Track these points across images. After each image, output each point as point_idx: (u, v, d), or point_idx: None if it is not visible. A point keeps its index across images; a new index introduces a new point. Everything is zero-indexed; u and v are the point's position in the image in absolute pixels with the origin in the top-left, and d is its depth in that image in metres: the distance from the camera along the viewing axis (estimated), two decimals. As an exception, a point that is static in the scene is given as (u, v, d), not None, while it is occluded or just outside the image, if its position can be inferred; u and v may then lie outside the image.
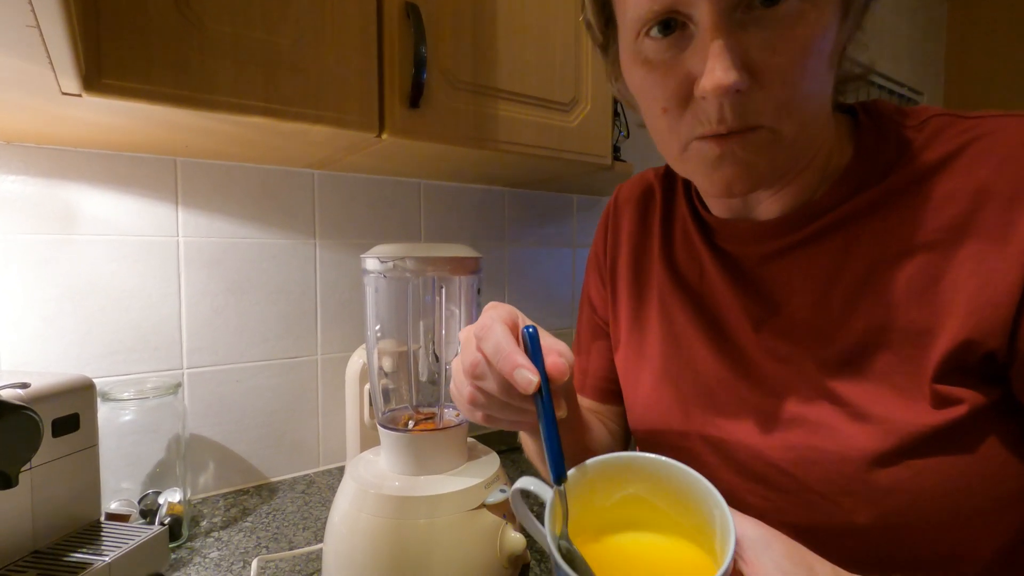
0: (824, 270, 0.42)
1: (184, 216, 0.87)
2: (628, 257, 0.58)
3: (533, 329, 0.37)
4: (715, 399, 0.47)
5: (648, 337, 0.54)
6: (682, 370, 0.50)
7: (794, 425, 0.41)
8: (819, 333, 0.41)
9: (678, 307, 0.51)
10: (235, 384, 0.93)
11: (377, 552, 0.56)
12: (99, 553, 0.58)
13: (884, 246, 0.39)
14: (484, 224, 1.21)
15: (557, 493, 0.34)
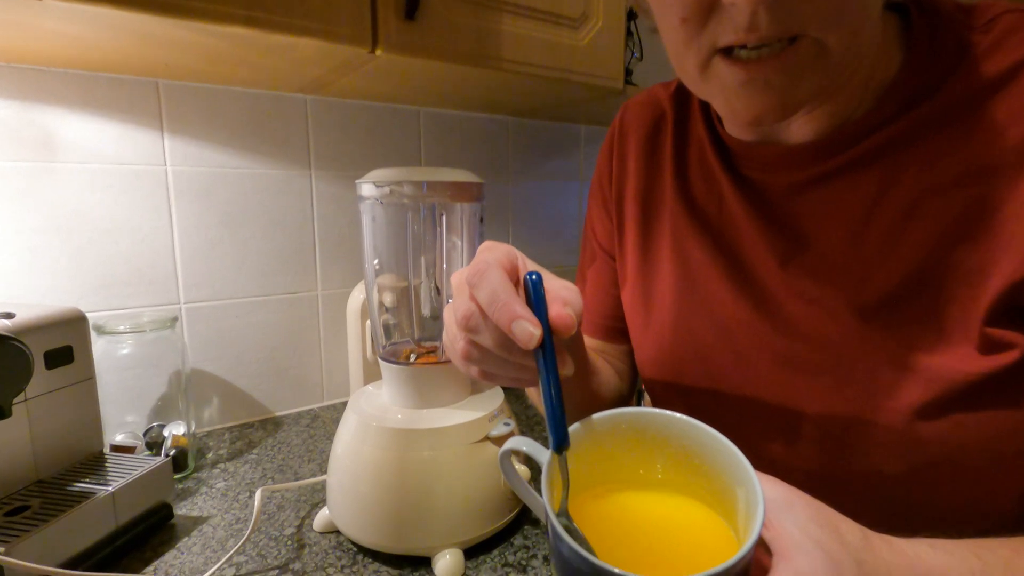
0: (863, 201, 0.37)
1: (171, 144, 0.83)
2: (636, 186, 0.53)
3: (536, 276, 0.31)
4: (734, 342, 0.43)
5: (659, 275, 0.50)
6: (697, 311, 0.46)
7: (823, 372, 0.38)
8: (855, 272, 0.37)
9: (693, 241, 0.47)
10: (234, 319, 0.91)
11: (381, 484, 0.56)
12: (103, 483, 0.58)
13: (935, 172, 0.34)
14: (487, 156, 1.16)
15: (556, 461, 0.30)
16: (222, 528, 0.63)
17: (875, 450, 0.36)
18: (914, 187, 0.35)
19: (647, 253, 0.51)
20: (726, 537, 0.30)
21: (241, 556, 0.58)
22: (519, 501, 0.62)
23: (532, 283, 0.32)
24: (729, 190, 0.44)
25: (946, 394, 0.33)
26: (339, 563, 0.57)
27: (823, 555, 0.26)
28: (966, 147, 0.33)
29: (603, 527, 0.31)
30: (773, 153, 0.41)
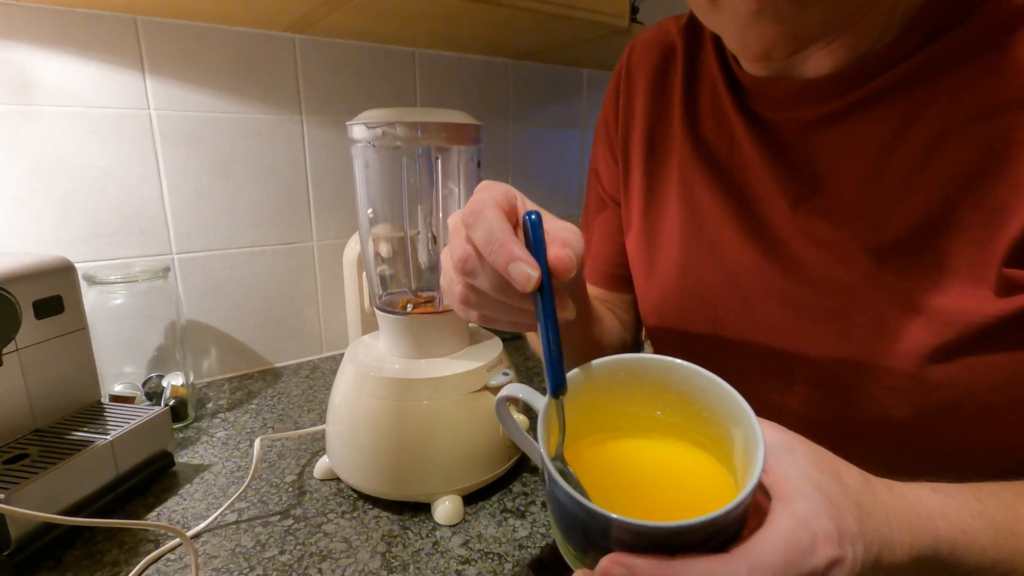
0: (882, 139, 0.35)
1: (153, 86, 0.79)
2: (643, 126, 0.50)
3: (536, 216, 0.30)
4: (741, 288, 0.42)
5: (665, 219, 0.48)
6: (704, 256, 0.45)
7: (834, 317, 0.37)
8: (870, 214, 0.35)
9: (702, 184, 0.45)
10: (229, 270, 0.90)
11: (380, 433, 0.56)
12: (102, 432, 0.58)
13: (960, 106, 0.32)
14: (486, 100, 1.12)
15: (554, 406, 0.29)
16: (223, 476, 0.64)
17: (882, 395, 0.35)
18: (937, 122, 0.33)
19: (653, 197, 0.50)
20: (725, 482, 0.30)
21: (243, 502, 0.59)
22: (518, 449, 0.62)
23: (531, 223, 0.30)
24: (741, 130, 0.42)
25: (959, 337, 0.32)
26: (340, 509, 0.58)
27: (823, 497, 0.25)
28: (993, 79, 0.31)
29: (600, 473, 0.30)
30: (788, 89, 0.39)
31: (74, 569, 0.49)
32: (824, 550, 0.24)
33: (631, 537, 0.23)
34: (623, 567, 0.23)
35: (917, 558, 0.27)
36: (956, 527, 0.28)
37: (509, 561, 0.50)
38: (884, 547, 0.26)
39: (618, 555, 0.23)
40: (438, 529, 0.55)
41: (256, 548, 0.52)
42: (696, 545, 0.23)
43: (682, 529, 0.23)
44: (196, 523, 0.55)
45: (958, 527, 0.28)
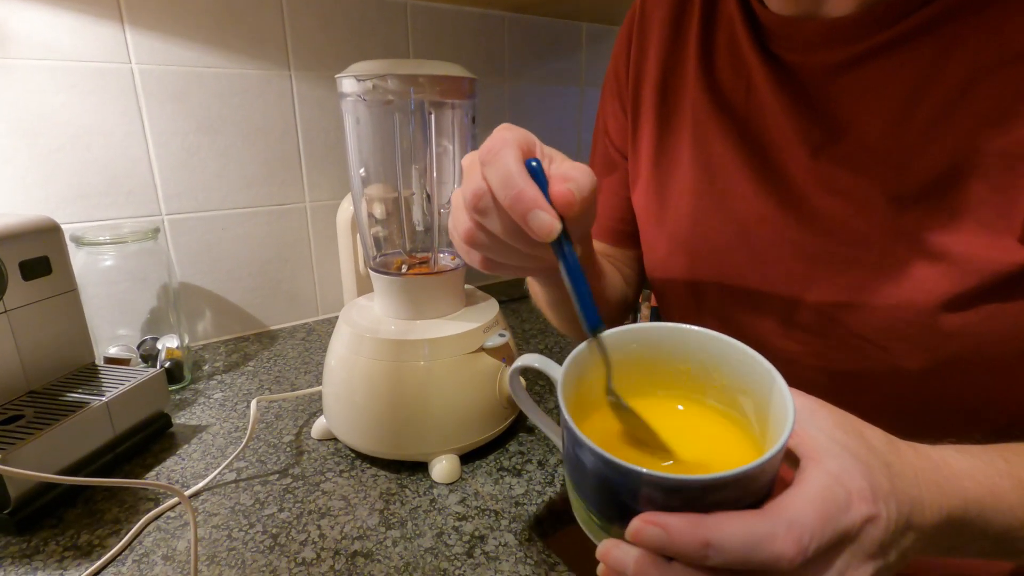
0: (909, 83, 0.33)
1: (134, 38, 0.76)
2: (656, 74, 0.48)
3: (536, 162, 0.29)
4: (751, 240, 0.41)
5: (676, 170, 0.46)
6: (715, 208, 0.43)
7: (848, 267, 0.36)
8: (893, 161, 0.34)
9: (715, 133, 0.43)
10: (221, 232, 0.88)
11: (376, 394, 0.56)
12: (97, 393, 0.58)
13: (991, 49, 0.30)
14: (482, 55, 1.08)
15: (595, 342, 0.29)
16: (221, 436, 0.64)
17: (895, 345, 0.34)
18: (969, 63, 0.31)
19: (664, 148, 0.48)
20: (749, 444, 0.29)
21: (241, 462, 0.59)
22: (515, 409, 0.62)
23: (532, 170, 0.29)
24: (760, 74, 0.40)
25: (979, 284, 0.31)
26: (338, 468, 0.58)
27: (852, 457, 0.25)
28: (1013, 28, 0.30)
29: (619, 440, 0.30)
30: (812, 29, 0.36)
31: (75, 527, 0.50)
32: (859, 507, 0.23)
33: (663, 494, 0.22)
34: (657, 526, 0.22)
35: (947, 519, 0.26)
36: (984, 487, 0.27)
37: (505, 517, 0.51)
38: (915, 507, 0.26)
39: (650, 514, 0.22)
40: (435, 487, 0.55)
41: (255, 506, 0.52)
42: (729, 503, 0.22)
43: (715, 482, 0.22)
44: (195, 482, 0.55)
45: (986, 487, 0.27)
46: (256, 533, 0.49)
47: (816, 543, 0.22)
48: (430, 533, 0.49)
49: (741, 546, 0.21)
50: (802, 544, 0.21)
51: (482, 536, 0.49)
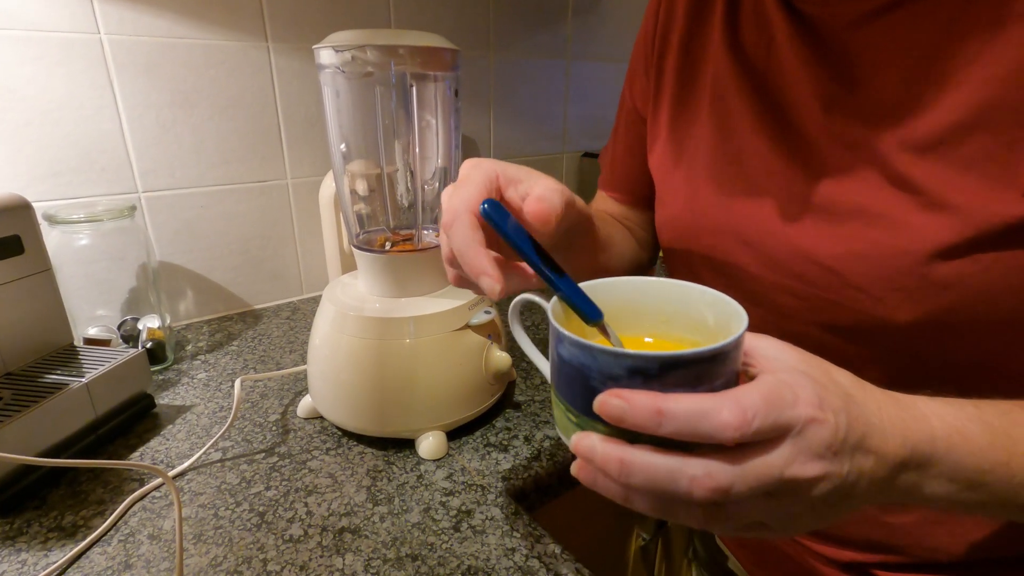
0: (930, 35, 0.33)
1: (102, 7, 0.73)
2: (681, 35, 0.47)
3: (486, 205, 0.32)
4: (761, 194, 0.41)
5: (694, 129, 0.47)
6: (728, 164, 0.43)
7: (851, 218, 0.36)
8: (905, 113, 0.34)
9: (734, 91, 0.43)
10: (200, 210, 0.86)
11: (361, 372, 0.55)
12: (77, 374, 0.57)
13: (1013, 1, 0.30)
14: (465, 28, 1.05)
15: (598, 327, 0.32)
16: (206, 416, 0.63)
17: (889, 296, 0.35)
18: (992, 13, 0.31)
19: (684, 108, 0.48)
20: None
21: (227, 441, 0.59)
22: (501, 385, 0.63)
23: (484, 212, 0.32)
24: (782, 30, 0.40)
25: (978, 235, 0.31)
26: (324, 446, 0.58)
27: (807, 377, 0.26)
28: None
29: None
30: None
31: (59, 508, 0.49)
32: (805, 409, 0.25)
33: (626, 374, 0.25)
34: (618, 398, 0.25)
35: (912, 452, 0.27)
36: (952, 427, 0.28)
37: (492, 492, 0.52)
38: (872, 432, 0.26)
39: (616, 389, 0.25)
40: (422, 463, 0.56)
41: (242, 484, 0.52)
42: (687, 385, 0.25)
43: (670, 359, 0.25)
44: (180, 462, 0.55)
45: (954, 427, 0.28)
46: (243, 511, 0.49)
47: (759, 422, 0.24)
48: (417, 509, 0.50)
49: (690, 415, 0.24)
50: (746, 417, 0.23)
51: (469, 511, 0.49)
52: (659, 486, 0.25)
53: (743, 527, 0.27)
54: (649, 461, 0.25)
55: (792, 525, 0.27)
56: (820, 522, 0.27)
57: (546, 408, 0.65)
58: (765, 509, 0.26)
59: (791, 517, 0.26)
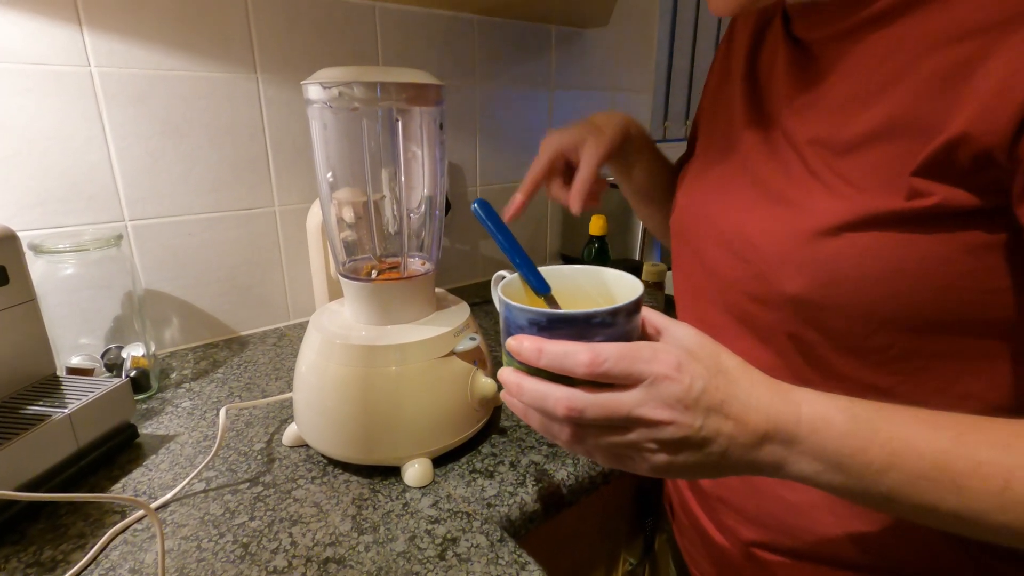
0: (876, 55, 0.38)
1: (93, 40, 0.74)
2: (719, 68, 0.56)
3: (474, 204, 0.42)
4: (730, 183, 0.48)
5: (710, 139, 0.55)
6: (719, 159, 0.51)
7: (777, 202, 0.42)
8: (841, 119, 0.39)
9: (741, 105, 0.50)
10: (187, 237, 0.87)
11: (347, 399, 0.56)
12: (59, 405, 0.57)
13: (941, 30, 0.34)
14: (451, 58, 1.08)
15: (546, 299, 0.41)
16: (190, 446, 0.63)
17: (784, 268, 0.40)
18: (921, 42, 0.35)
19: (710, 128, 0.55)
20: None
21: (210, 471, 0.59)
22: (486, 411, 0.63)
23: (474, 211, 0.42)
24: (782, 52, 0.47)
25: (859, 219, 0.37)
26: (309, 474, 0.58)
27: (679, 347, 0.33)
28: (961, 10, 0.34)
29: None
30: (817, 10, 0.43)
31: (39, 543, 0.49)
32: (659, 367, 0.31)
33: (527, 323, 0.34)
34: (516, 341, 0.34)
35: (775, 427, 0.32)
36: (818, 413, 0.32)
37: (478, 519, 0.52)
38: (734, 402, 0.32)
39: (519, 335, 0.34)
40: (408, 491, 0.56)
41: (225, 515, 0.52)
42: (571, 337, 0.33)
43: (554, 316, 0.33)
44: (163, 493, 0.55)
45: (820, 414, 0.32)
46: (226, 543, 0.49)
47: (609, 365, 0.31)
48: (402, 537, 0.50)
49: (558, 353, 0.32)
50: (597, 359, 0.31)
51: (454, 538, 0.49)
52: (536, 403, 0.33)
53: (610, 455, 0.34)
54: (533, 384, 0.33)
55: (655, 464, 0.33)
56: (689, 471, 0.33)
57: (531, 433, 0.66)
58: (623, 441, 0.32)
59: (650, 453, 0.32)
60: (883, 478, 0.31)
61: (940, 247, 0.35)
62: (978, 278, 0.35)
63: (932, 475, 0.30)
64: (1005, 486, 0.29)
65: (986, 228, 0.34)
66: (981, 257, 0.35)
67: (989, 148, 0.32)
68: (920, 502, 0.31)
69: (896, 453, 0.31)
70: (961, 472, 0.30)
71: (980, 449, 0.30)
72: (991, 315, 0.37)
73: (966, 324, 0.37)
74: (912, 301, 0.37)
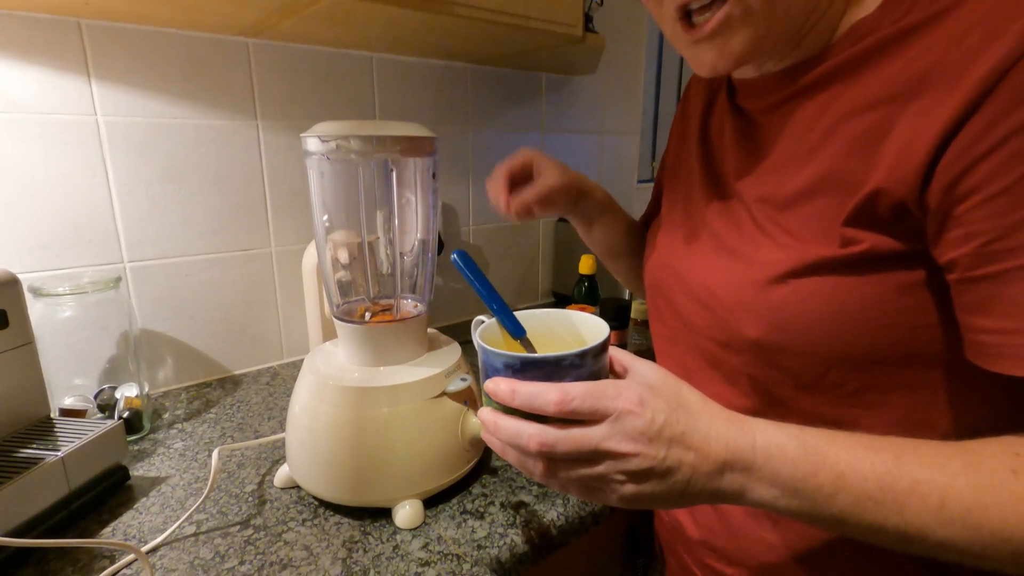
0: (806, 121, 0.43)
1: (100, 91, 0.77)
2: (677, 134, 0.62)
3: (454, 256, 0.45)
4: (694, 239, 0.52)
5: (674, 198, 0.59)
6: (682, 217, 0.55)
7: (730, 254, 0.46)
8: (779, 179, 0.44)
9: (697, 168, 0.54)
10: (185, 278, 0.88)
11: (339, 440, 0.57)
12: (52, 448, 0.57)
13: (856, 100, 0.40)
14: (445, 104, 1.12)
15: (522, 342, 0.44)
16: (181, 488, 0.63)
17: (742, 315, 0.44)
18: (842, 109, 0.40)
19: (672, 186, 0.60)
20: None
21: (201, 514, 0.59)
22: (477, 452, 0.64)
23: (454, 260, 0.45)
24: (729, 120, 0.52)
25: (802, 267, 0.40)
26: (300, 517, 0.58)
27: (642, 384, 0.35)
28: (882, 78, 0.39)
29: None
30: (756, 83, 0.48)
31: (26, 589, 0.49)
32: (622, 403, 0.34)
33: (503, 366, 0.36)
34: (493, 383, 0.36)
35: (734, 455, 0.34)
36: (772, 441, 0.35)
37: (468, 561, 0.52)
38: (695, 433, 0.34)
39: (495, 377, 0.37)
40: (399, 533, 0.56)
41: (215, 560, 0.52)
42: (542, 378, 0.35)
43: (527, 360, 0.36)
44: (153, 537, 0.55)
45: (774, 442, 0.35)
46: (216, 588, 0.49)
47: (577, 403, 0.33)
48: (392, 580, 0.50)
49: (530, 393, 0.34)
50: (566, 398, 0.33)
51: (444, 581, 0.50)
52: (511, 440, 0.35)
53: (582, 488, 0.36)
54: (509, 423, 0.36)
55: (624, 494, 0.35)
56: (657, 500, 0.35)
57: (521, 474, 0.66)
58: (593, 473, 0.34)
59: (619, 484, 0.34)
60: (834, 501, 0.33)
61: (875, 288, 0.39)
62: (911, 315, 0.39)
63: (876, 496, 0.33)
64: (941, 504, 0.32)
65: (912, 269, 0.38)
66: (911, 296, 0.38)
67: (902, 199, 0.36)
68: (869, 522, 0.33)
69: (842, 476, 0.33)
70: (901, 491, 0.32)
71: (917, 469, 0.33)
72: (929, 348, 0.40)
73: (910, 358, 0.40)
74: (857, 339, 0.40)
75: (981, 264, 0.34)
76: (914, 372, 0.41)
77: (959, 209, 0.34)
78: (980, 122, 0.32)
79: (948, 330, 0.38)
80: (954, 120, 0.33)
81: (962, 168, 0.33)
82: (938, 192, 0.35)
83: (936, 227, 0.36)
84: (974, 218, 0.34)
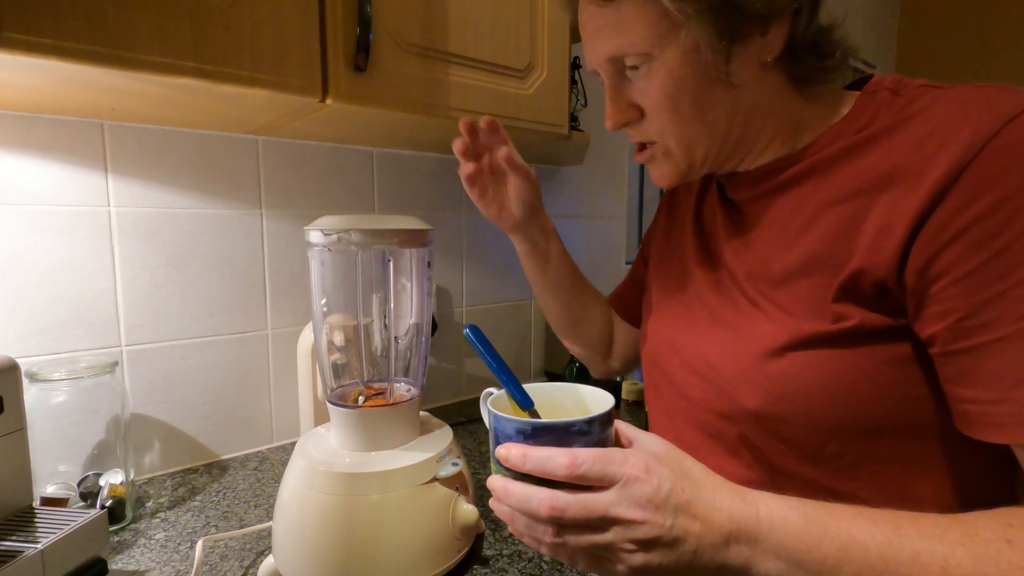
0: (788, 211, 0.48)
1: (115, 185, 0.82)
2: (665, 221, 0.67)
3: (466, 330, 0.47)
4: (691, 315, 0.55)
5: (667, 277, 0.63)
6: (678, 294, 0.59)
7: (726, 328, 0.50)
8: (770, 261, 0.48)
9: (692, 253, 0.59)
10: (179, 361, 0.89)
11: (328, 529, 0.56)
12: (31, 540, 0.56)
13: (835, 191, 0.45)
14: (441, 193, 1.19)
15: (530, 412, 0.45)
16: (161, 582, 0.61)
17: (743, 386, 0.46)
18: (821, 201, 0.46)
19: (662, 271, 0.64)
20: None
21: (180, 611, 0.56)
22: (467, 541, 0.63)
23: (467, 338, 0.47)
24: (720, 210, 0.57)
25: (798, 341, 0.44)
26: (284, 613, 0.56)
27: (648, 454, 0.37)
28: (854, 175, 0.44)
29: None
30: (741, 178, 0.54)
31: None
32: (630, 470, 0.35)
33: (515, 433, 0.38)
34: (505, 449, 0.37)
35: (738, 526, 0.35)
36: (774, 512, 0.36)
37: (457, 661, 0.50)
38: (699, 503, 0.35)
39: (506, 443, 0.38)
40: (385, 630, 0.54)
41: (192, 662, 0.50)
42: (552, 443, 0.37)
43: (538, 425, 0.37)
44: (128, 637, 0.52)
45: (776, 513, 0.36)
46: None
47: (586, 468, 0.35)
48: None
49: (541, 457, 0.36)
50: (575, 461, 0.35)
51: None
52: (522, 505, 0.36)
53: (590, 557, 0.36)
54: (519, 488, 0.36)
55: (633, 564, 0.35)
56: (664, 572, 0.35)
57: (514, 563, 0.65)
58: (602, 541, 0.35)
59: (627, 553, 0.35)
60: (838, 573, 0.34)
61: (866, 361, 0.42)
62: (904, 386, 0.41)
63: (879, 567, 0.33)
64: (943, 573, 0.32)
65: (900, 342, 0.41)
66: (900, 368, 0.41)
67: (883, 279, 0.40)
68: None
69: (845, 547, 0.34)
70: (903, 562, 0.33)
71: (917, 540, 0.34)
72: (924, 419, 0.42)
73: (904, 429, 0.42)
74: (854, 409, 0.42)
75: (958, 339, 0.38)
76: (910, 444, 0.43)
77: (934, 288, 0.38)
78: (944, 213, 0.38)
79: (939, 402, 0.41)
80: (922, 211, 0.38)
81: (932, 252, 0.38)
82: (914, 273, 0.39)
83: (915, 304, 0.40)
84: (948, 295, 0.38)
